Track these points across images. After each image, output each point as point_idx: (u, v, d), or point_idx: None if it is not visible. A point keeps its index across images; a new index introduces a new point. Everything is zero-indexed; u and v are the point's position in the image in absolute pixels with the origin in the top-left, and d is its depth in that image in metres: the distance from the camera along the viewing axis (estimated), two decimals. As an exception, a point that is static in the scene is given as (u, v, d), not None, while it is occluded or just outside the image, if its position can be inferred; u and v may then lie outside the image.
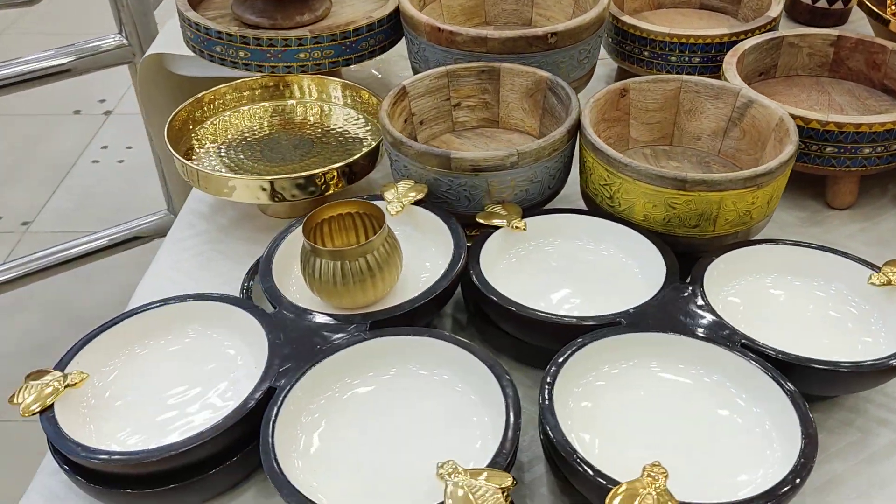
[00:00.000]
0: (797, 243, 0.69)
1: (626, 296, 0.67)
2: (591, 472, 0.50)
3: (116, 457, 0.53)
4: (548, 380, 0.56)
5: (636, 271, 0.70)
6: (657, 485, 0.49)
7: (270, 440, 0.53)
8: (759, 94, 0.78)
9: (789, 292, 0.67)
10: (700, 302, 0.63)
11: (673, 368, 0.60)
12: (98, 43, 1.47)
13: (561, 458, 0.52)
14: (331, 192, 0.79)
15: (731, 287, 0.68)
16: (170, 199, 1.67)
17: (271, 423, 0.54)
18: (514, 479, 0.49)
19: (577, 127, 0.76)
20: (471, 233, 0.78)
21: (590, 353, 0.59)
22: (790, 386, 0.55)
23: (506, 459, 0.51)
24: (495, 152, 0.71)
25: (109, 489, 0.55)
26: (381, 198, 0.73)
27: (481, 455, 0.54)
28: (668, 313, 0.62)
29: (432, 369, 0.59)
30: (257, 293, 0.72)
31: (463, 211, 0.74)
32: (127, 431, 0.58)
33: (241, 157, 0.85)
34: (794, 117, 0.77)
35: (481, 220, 0.72)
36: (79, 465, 0.56)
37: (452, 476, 0.49)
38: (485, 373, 0.57)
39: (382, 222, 0.66)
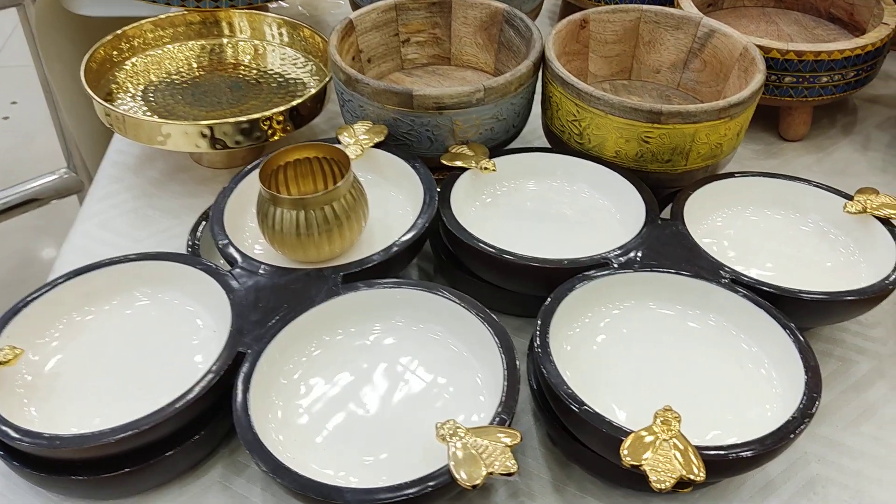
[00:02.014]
0: (770, 175, 0.68)
1: (605, 235, 0.64)
2: (599, 422, 0.47)
3: (68, 440, 0.47)
4: (540, 327, 0.53)
5: (612, 210, 0.67)
6: (671, 430, 0.46)
7: (245, 409, 0.48)
8: (721, 24, 0.76)
9: (768, 224, 0.66)
10: (685, 238, 0.61)
11: (667, 308, 0.58)
12: (-21, -18, 1.31)
13: (564, 408, 0.49)
14: (276, 137, 0.72)
15: (712, 221, 0.66)
16: (69, 155, 1.54)
17: (245, 389, 0.49)
18: (520, 434, 0.46)
19: (542, 60, 0.71)
20: (435, 176, 0.74)
21: (581, 296, 0.56)
22: (786, 320, 0.54)
23: (510, 414, 0.48)
24: (461, 88, 0.66)
25: (57, 476, 0.49)
26: (335, 142, 0.67)
27: (480, 412, 0.50)
28: (654, 251, 0.59)
29: (419, 324, 0.55)
30: (204, 250, 0.66)
31: (424, 153, 0.69)
32: (74, 410, 0.51)
33: (171, 101, 0.77)
34: (756, 47, 0.75)
35: (446, 162, 0.67)
36: (21, 452, 0.49)
37: (454, 437, 0.45)
38: (476, 325, 0.52)
39: (347, 167, 0.60)
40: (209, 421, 0.51)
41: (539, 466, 0.55)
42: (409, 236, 0.59)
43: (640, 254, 0.59)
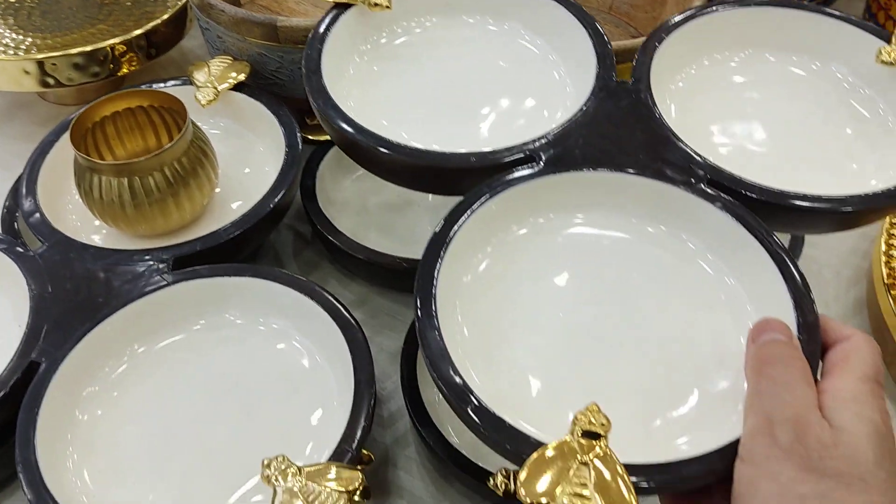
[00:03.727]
0: (775, 3, 0.48)
1: (541, 102, 0.47)
2: (494, 433, 0.32)
3: None
4: (421, 296, 0.35)
5: (558, 64, 0.49)
6: (597, 448, 0.32)
7: (31, 439, 0.39)
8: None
9: (768, 79, 0.48)
10: (647, 113, 0.43)
11: (614, 223, 0.41)
12: None
13: (451, 404, 0.34)
14: (123, 71, 0.60)
15: (689, 77, 0.48)
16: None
17: (32, 418, 0.39)
18: (363, 478, 0.37)
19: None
20: (312, 122, 0.63)
21: (489, 212, 0.39)
22: (782, 253, 0.37)
23: (354, 446, 0.39)
24: (335, 17, 0.53)
25: None
26: (190, 82, 0.56)
27: (327, 435, 0.42)
28: (602, 135, 0.42)
29: (258, 318, 0.45)
30: (27, 215, 0.55)
31: (300, 95, 0.58)
32: None
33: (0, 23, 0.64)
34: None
35: None
36: None
37: (282, 478, 0.37)
38: (326, 321, 0.43)
39: (184, 121, 0.49)
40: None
41: (412, 482, 0.47)
42: (258, 209, 0.48)
43: (580, 140, 0.41)
